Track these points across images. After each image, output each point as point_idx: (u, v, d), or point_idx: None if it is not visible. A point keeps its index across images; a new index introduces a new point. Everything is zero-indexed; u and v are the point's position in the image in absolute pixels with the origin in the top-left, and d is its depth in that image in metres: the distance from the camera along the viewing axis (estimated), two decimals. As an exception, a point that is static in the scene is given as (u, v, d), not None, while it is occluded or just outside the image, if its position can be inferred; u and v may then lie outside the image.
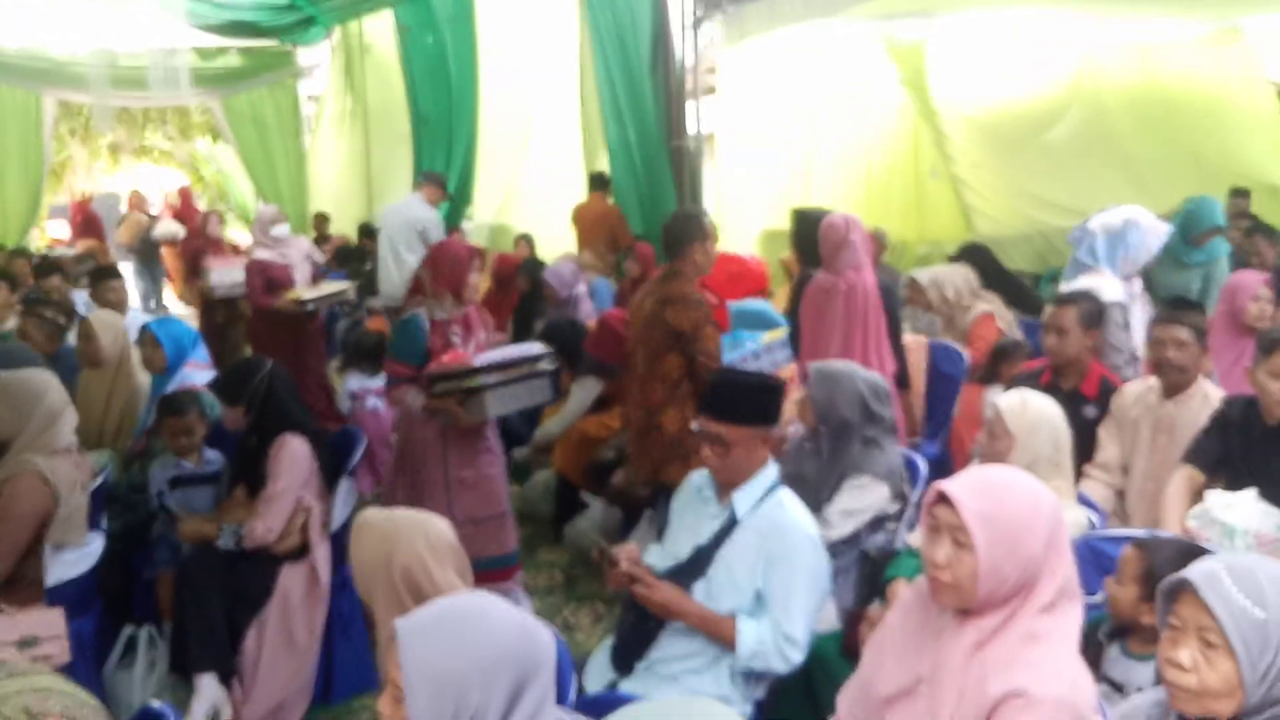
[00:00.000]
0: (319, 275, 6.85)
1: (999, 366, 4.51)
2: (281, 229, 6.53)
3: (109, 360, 4.33)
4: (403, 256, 7.32)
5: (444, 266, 3.92)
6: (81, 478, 3.53)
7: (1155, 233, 4.26)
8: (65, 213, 14.27)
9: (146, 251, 11.70)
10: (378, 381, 5.36)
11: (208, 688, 3.40)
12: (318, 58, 11.82)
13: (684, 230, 3.93)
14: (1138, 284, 4.37)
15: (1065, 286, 4.24)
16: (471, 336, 3.98)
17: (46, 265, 7.29)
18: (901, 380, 4.39)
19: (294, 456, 3.56)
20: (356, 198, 11.28)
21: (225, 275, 7.27)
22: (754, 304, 5.05)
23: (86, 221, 12.35)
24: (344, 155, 11.34)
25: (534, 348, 4.08)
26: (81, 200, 13.76)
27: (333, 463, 3.78)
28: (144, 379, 4.40)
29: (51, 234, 14.00)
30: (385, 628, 2.22)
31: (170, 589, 3.63)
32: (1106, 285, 4.12)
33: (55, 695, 1.56)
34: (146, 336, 4.28)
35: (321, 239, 10.71)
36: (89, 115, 12.19)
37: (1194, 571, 1.65)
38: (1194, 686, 1.61)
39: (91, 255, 10.01)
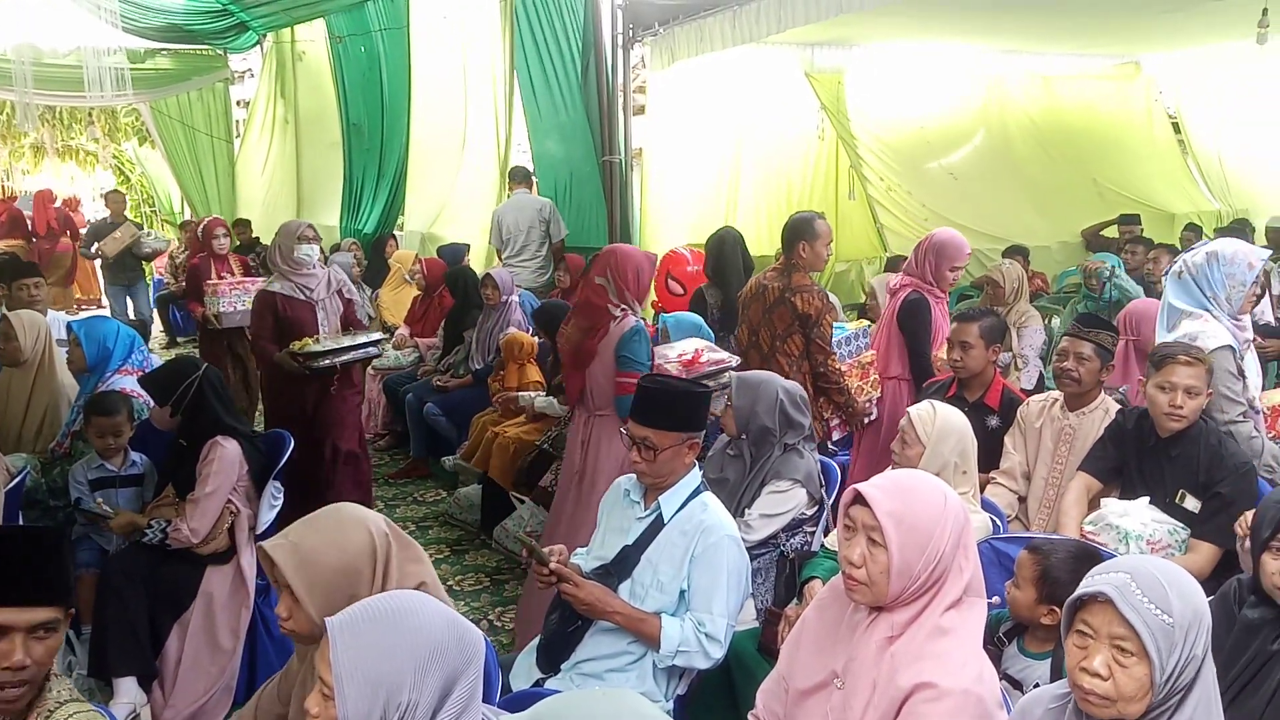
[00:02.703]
0: (352, 315, 5.16)
1: None
2: (308, 249, 4.90)
3: (30, 360, 4.27)
4: (536, 250, 7.38)
5: (631, 274, 3.85)
6: (-4, 477, 3.48)
7: (1240, 261, 3.48)
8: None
9: (129, 265, 10.29)
10: None
11: (127, 690, 3.37)
12: (249, 63, 11.66)
13: (798, 230, 4.46)
14: (1249, 325, 3.69)
15: (1168, 336, 3.49)
16: None
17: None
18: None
19: (224, 460, 3.55)
20: (286, 204, 11.12)
21: (236, 301, 6.45)
22: (688, 316, 5.21)
23: (11, 221, 11.88)
24: (274, 162, 11.16)
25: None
26: (6, 199, 13.30)
27: (261, 466, 3.74)
28: (69, 381, 4.33)
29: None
30: None
31: (90, 591, 3.57)
32: (1210, 331, 3.40)
33: None
34: (70, 336, 4.25)
35: (246, 246, 10.50)
36: (10, 113, 11.77)
37: (1104, 583, 1.68)
38: (1110, 693, 1.66)
39: (14, 255, 9.54)
